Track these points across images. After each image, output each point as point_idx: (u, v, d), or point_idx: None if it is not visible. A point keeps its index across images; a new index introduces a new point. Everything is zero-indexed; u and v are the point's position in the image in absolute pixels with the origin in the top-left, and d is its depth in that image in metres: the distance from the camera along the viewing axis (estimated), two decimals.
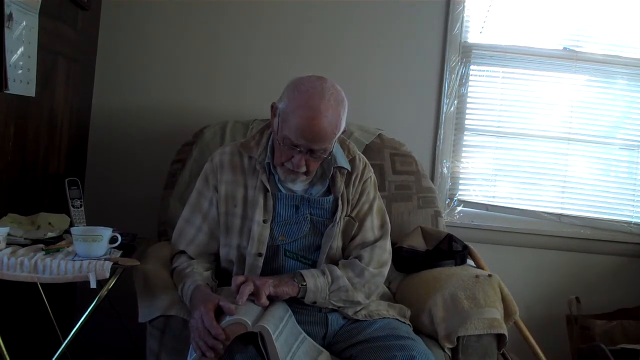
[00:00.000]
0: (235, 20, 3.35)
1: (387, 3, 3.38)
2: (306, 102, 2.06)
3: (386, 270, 2.29)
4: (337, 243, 2.25)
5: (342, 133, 2.20)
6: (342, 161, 2.28)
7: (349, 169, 2.30)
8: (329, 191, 2.28)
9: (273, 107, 2.19)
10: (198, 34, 3.35)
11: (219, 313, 1.93)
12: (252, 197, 2.23)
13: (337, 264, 2.21)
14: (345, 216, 2.26)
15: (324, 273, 2.14)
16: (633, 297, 3.39)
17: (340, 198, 2.25)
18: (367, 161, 2.41)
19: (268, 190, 2.21)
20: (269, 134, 2.29)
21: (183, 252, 2.30)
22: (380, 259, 2.26)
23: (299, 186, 2.25)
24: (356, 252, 2.25)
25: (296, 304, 2.14)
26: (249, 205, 2.23)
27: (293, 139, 2.08)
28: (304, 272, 2.13)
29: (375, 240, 2.29)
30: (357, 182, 2.32)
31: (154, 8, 3.32)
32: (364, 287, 2.20)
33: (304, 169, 2.14)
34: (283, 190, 2.24)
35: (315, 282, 2.11)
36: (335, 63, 3.37)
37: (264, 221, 2.19)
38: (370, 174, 2.39)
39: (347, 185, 2.29)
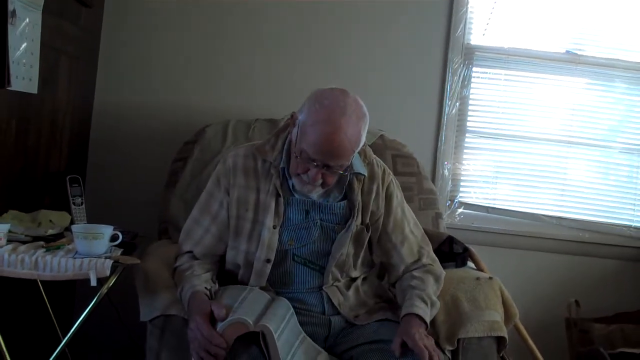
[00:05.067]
0: (238, 19, 3.35)
1: (390, 4, 3.38)
2: (326, 117, 2.02)
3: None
4: (349, 250, 2.23)
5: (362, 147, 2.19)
6: (359, 167, 2.23)
7: (366, 175, 2.25)
8: (345, 197, 2.25)
9: (293, 117, 2.14)
10: (201, 32, 3.34)
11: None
12: (264, 201, 2.19)
13: (389, 274, 2.34)
14: (360, 224, 2.24)
15: (425, 302, 2.14)
16: (633, 301, 3.39)
17: (356, 205, 2.22)
18: (384, 165, 2.37)
19: (280, 196, 2.18)
20: (284, 137, 2.24)
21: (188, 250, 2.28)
22: (437, 260, 2.34)
23: (314, 193, 2.21)
24: (414, 261, 2.29)
25: (299, 306, 2.14)
26: (260, 210, 2.19)
27: (310, 153, 2.03)
28: (420, 311, 2.09)
29: (421, 242, 2.34)
30: (380, 190, 2.29)
31: (156, 6, 3.32)
32: (437, 291, 2.24)
33: (320, 182, 2.10)
34: (296, 195, 2.21)
35: (429, 318, 2.13)
36: (338, 63, 3.37)
37: (274, 227, 2.16)
38: (391, 177, 2.36)
39: (365, 192, 2.26)
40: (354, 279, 2.29)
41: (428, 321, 2.09)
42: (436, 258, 2.35)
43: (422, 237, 2.36)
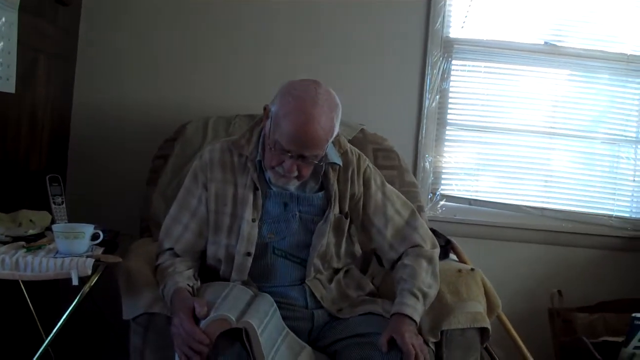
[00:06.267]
0: (217, 16, 3.34)
1: None
2: (299, 107, 2.02)
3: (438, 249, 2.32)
4: (329, 240, 2.23)
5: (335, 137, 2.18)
6: (334, 157, 2.23)
7: (341, 165, 2.26)
8: (322, 187, 2.26)
9: (265, 109, 2.15)
10: (180, 30, 3.33)
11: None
12: (242, 195, 2.19)
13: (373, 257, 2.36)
14: (338, 213, 2.24)
15: (416, 296, 2.11)
16: (614, 290, 3.41)
17: (332, 195, 2.23)
18: (359, 152, 2.37)
19: (258, 189, 2.19)
20: (259, 131, 2.24)
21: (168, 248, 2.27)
22: (430, 236, 2.30)
23: (290, 185, 2.21)
24: (400, 241, 2.26)
25: (282, 300, 2.14)
26: (238, 204, 2.20)
27: (284, 144, 2.04)
28: (409, 310, 2.07)
29: (409, 220, 2.30)
30: (355, 177, 2.29)
31: (134, 3, 3.31)
32: (436, 274, 2.22)
33: (295, 174, 2.10)
34: (274, 188, 2.21)
35: (419, 314, 2.10)
36: (317, 58, 3.37)
37: (253, 220, 2.17)
38: (367, 163, 2.36)
39: (342, 181, 2.26)
40: (336, 272, 2.30)
41: (418, 320, 2.08)
42: (430, 233, 2.33)
43: (411, 215, 2.33)
